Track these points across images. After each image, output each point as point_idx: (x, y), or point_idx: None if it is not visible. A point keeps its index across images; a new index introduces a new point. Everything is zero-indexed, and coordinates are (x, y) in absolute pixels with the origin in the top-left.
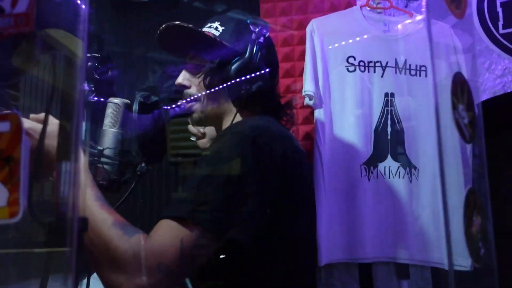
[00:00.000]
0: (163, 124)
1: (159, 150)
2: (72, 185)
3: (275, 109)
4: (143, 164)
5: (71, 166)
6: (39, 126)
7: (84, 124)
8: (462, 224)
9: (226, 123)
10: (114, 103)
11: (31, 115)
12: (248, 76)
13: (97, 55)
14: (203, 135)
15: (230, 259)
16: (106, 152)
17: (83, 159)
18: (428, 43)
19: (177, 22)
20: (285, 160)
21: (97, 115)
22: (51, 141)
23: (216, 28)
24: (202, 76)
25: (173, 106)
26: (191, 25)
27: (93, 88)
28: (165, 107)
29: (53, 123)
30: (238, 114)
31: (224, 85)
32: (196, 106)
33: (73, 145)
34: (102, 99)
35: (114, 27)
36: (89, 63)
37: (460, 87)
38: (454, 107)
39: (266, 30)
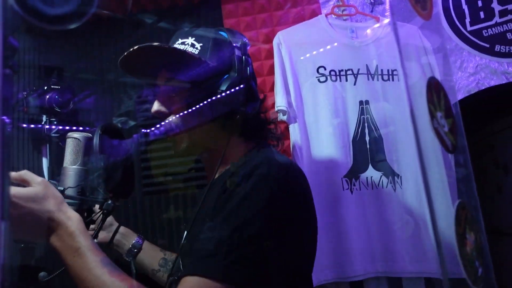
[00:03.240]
0: (131, 156)
1: (127, 184)
2: None
3: (262, 129)
4: (109, 202)
5: None
6: None
7: (46, 162)
8: (456, 243)
9: (216, 148)
10: (74, 138)
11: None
12: (241, 97)
13: (57, 86)
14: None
15: None
16: (68, 192)
17: (76, 220)
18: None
19: (155, 43)
20: (306, 196)
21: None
22: None
23: (193, 45)
24: (186, 100)
25: (150, 132)
26: (173, 46)
27: (55, 122)
28: (135, 136)
29: None
30: (231, 140)
31: (215, 108)
32: (182, 134)
33: None
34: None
35: (81, 53)
36: (47, 96)
37: (436, 92)
38: (432, 116)
39: (248, 43)
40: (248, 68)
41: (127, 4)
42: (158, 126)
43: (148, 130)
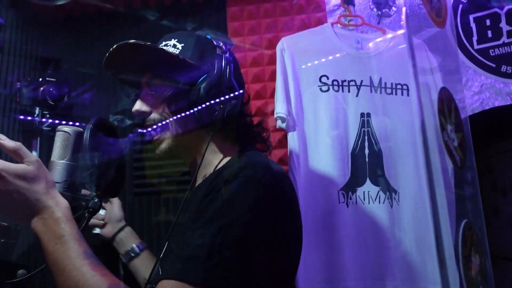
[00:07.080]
0: (122, 154)
1: (116, 183)
2: None
3: (248, 132)
4: (96, 200)
5: None
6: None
7: (36, 155)
8: (461, 265)
9: (199, 151)
10: (64, 132)
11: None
12: (220, 96)
13: (52, 79)
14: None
15: None
16: None
17: (64, 206)
18: (402, 60)
19: (132, 41)
20: (291, 201)
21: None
22: None
23: (174, 46)
24: (166, 99)
25: (136, 134)
26: (149, 43)
27: (48, 116)
28: (129, 135)
29: None
30: (212, 141)
31: (195, 107)
32: (164, 134)
33: None
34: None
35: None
36: (42, 88)
37: (447, 105)
38: (443, 128)
39: (230, 44)
40: (229, 69)
41: None
42: (142, 127)
43: (137, 131)
